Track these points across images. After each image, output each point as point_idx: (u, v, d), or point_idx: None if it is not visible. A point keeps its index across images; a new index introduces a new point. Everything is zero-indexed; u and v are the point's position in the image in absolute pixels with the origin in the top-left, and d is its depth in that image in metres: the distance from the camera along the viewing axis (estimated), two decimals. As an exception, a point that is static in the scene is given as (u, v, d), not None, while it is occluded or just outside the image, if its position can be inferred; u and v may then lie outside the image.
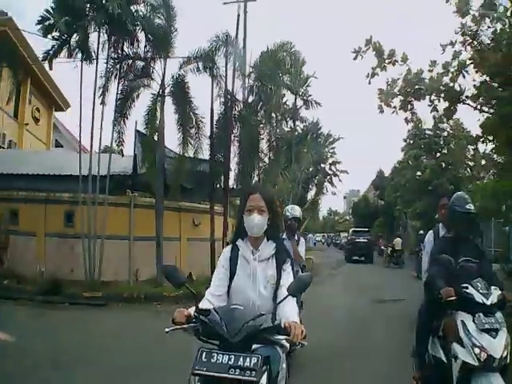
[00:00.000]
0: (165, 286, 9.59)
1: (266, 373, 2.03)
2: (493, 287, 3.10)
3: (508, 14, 7.15)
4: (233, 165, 12.69)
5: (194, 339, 2.10)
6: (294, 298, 2.32)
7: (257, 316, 2.05)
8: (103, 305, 9.08)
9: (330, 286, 13.03)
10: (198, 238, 12.78)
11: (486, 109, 8.28)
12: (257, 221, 2.43)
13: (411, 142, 24.89)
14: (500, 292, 3.09)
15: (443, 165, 22.73)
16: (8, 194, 11.87)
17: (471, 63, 7.47)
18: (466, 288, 3.06)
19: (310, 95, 22.34)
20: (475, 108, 8.09)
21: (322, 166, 36.49)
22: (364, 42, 7.69)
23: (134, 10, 9.91)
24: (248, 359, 1.91)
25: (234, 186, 12.92)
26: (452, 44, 7.65)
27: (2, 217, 11.22)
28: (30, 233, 11.66)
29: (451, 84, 7.70)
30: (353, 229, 30.35)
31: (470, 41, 7.55)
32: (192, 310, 2.15)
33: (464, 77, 7.59)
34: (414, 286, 10.02)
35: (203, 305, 2.24)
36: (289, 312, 2.26)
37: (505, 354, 2.85)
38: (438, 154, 23.91)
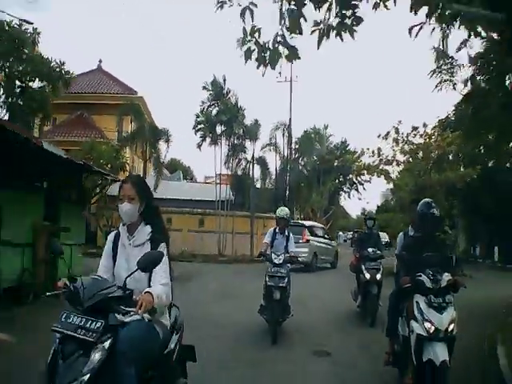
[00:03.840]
0: (247, 255, 19.84)
1: (110, 339, 2.19)
2: (445, 274, 3.65)
3: None
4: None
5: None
6: (160, 272, 2.47)
7: (109, 286, 2.32)
8: (230, 262, 19.44)
9: (343, 260, 23.23)
10: (263, 232, 23.27)
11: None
12: (125, 209, 2.55)
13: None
14: (451, 278, 3.64)
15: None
16: (165, 209, 22.49)
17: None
18: (420, 276, 3.65)
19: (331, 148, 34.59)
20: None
21: (350, 176, 45.89)
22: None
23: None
24: (94, 323, 2.15)
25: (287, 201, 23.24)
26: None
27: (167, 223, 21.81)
28: (178, 229, 22.25)
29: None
30: (355, 230, 46.42)
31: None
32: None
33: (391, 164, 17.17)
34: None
35: None
36: (153, 285, 2.44)
37: (451, 327, 3.41)
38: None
